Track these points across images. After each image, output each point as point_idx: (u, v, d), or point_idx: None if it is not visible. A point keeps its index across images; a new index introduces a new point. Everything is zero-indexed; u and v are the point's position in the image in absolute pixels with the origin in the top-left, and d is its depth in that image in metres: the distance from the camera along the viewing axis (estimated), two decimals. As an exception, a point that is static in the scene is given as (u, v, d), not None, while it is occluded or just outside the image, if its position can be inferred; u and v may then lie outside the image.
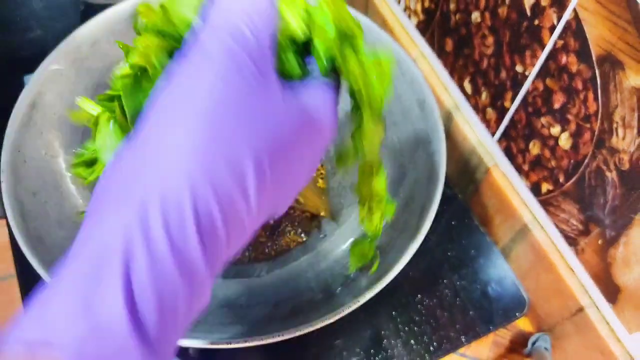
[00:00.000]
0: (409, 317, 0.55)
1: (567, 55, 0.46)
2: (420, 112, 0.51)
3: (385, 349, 0.53)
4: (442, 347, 0.53)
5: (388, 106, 0.56)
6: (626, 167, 0.44)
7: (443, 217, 0.61)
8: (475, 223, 0.61)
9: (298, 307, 0.47)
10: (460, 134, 0.66)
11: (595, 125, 0.46)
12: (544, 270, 0.58)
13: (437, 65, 0.68)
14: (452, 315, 0.55)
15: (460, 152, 0.67)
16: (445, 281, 0.57)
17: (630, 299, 0.49)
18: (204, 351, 0.51)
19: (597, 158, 0.47)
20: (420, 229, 0.44)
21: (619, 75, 0.42)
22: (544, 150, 0.53)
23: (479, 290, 0.57)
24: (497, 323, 0.55)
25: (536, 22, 0.49)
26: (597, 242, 0.51)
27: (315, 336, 0.52)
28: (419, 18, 0.68)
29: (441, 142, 0.48)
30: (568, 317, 0.57)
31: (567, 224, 0.54)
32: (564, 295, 0.56)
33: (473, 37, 0.58)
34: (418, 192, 0.49)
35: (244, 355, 0.51)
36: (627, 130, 0.43)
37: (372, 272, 0.46)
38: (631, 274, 0.47)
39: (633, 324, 0.50)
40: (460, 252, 0.59)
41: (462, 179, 0.69)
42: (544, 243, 0.57)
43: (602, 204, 0.48)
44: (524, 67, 0.52)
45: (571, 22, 0.45)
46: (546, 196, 0.55)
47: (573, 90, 0.47)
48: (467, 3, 0.57)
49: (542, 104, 0.52)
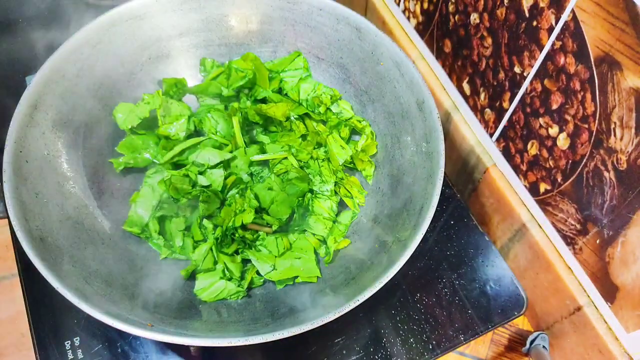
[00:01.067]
0: (408, 315, 0.55)
1: (565, 56, 0.47)
2: (419, 113, 0.51)
3: (384, 347, 0.53)
4: (441, 346, 0.54)
5: (388, 106, 0.56)
6: (624, 167, 0.45)
7: (442, 216, 0.62)
8: (473, 222, 0.61)
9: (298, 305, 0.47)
10: (458, 134, 0.66)
11: (593, 125, 0.46)
12: (542, 270, 0.58)
13: (436, 66, 0.68)
14: (450, 314, 0.55)
15: (459, 152, 0.67)
16: (444, 280, 0.57)
17: (628, 298, 0.49)
18: (204, 350, 0.52)
19: (595, 158, 0.47)
20: (419, 229, 0.44)
21: (616, 76, 0.42)
22: (542, 150, 0.54)
23: (478, 289, 0.57)
24: (496, 322, 0.55)
25: (534, 23, 0.49)
26: (595, 242, 0.51)
27: (315, 335, 0.53)
28: (418, 19, 0.69)
29: (440, 142, 0.48)
30: (566, 316, 0.57)
31: (565, 223, 0.54)
32: (562, 294, 0.56)
33: (472, 38, 0.58)
34: (417, 192, 0.49)
35: (244, 353, 0.52)
36: (625, 130, 0.43)
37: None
38: (629, 273, 0.48)
39: (631, 323, 0.50)
40: (459, 251, 0.59)
41: (461, 179, 0.69)
42: (542, 242, 0.57)
43: (600, 204, 0.49)
44: (522, 67, 0.52)
45: (569, 23, 0.45)
46: (544, 196, 0.56)
47: (571, 91, 0.47)
48: (466, 4, 0.57)
49: (540, 105, 0.52)
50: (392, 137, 0.56)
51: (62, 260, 0.43)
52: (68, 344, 0.50)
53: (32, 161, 0.47)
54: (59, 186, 0.49)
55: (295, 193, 0.53)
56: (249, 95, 0.61)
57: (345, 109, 0.59)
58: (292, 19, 0.59)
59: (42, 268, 0.40)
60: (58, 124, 0.51)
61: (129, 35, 0.57)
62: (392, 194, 0.54)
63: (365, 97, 0.59)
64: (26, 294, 0.53)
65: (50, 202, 0.47)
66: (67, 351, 0.50)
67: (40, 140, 0.49)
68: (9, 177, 0.44)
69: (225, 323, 0.47)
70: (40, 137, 0.49)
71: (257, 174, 0.55)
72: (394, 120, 0.55)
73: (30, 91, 0.49)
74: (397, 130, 0.55)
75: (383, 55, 0.55)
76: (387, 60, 0.55)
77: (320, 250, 0.54)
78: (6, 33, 0.73)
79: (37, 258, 0.41)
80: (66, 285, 0.40)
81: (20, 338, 0.61)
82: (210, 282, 0.49)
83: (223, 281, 0.49)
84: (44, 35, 0.74)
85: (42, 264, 0.41)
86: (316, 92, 0.60)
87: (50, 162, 0.49)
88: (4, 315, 0.62)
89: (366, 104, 0.59)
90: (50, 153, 0.50)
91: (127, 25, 0.56)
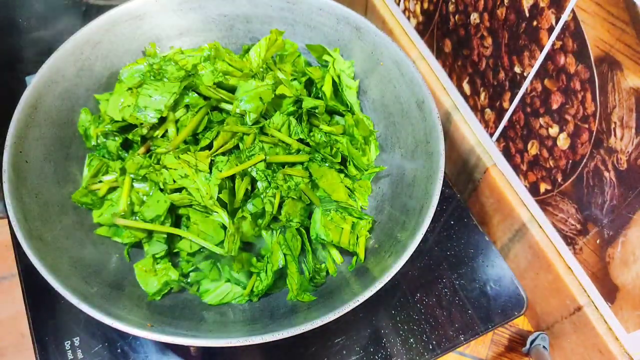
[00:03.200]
0: (408, 316, 0.55)
1: (566, 56, 0.47)
2: (419, 113, 0.51)
3: (384, 347, 0.53)
4: (441, 346, 0.54)
5: (388, 106, 0.56)
6: (624, 167, 0.45)
7: (442, 216, 0.62)
8: (473, 222, 0.61)
9: (298, 305, 0.47)
10: (459, 134, 0.66)
11: (593, 125, 0.46)
12: (543, 270, 0.58)
13: (436, 66, 0.68)
14: (451, 314, 0.55)
15: (459, 152, 0.67)
16: (444, 280, 0.57)
17: (628, 298, 0.49)
18: (204, 350, 0.52)
19: (595, 158, 0.47)
20: (419, 229, 0.44)
21: (617, 75, 0.42)
22: (542, 150, 0.54)
23: (478, 289, 0.57)
24: (496, 322, 0.55)
25: (535, 23, 0.49)
26: (595, 242, 0.51)
27: (315, 335, 0.53)
28: (418, 19, 0.68)
29: (440, 142, 0.48)
30: (566, 316, 0.57)
31: (565, 223, 0.54)
32: (562, 294, 0.56)
33: (472, 38, 0.58)
34: (417, 192, 0.49)
35: (244, 353, 0.52)
36: (625, 130, 0.43)
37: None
38: (629, 273, 0.48)
39: (631, 323, 0.50)
40: (459, 251, 0.59)
41: (461, 179, 0.69)
42: (542, 242, 0.57)
43: (600, 204, 0.49)
44: (523, 67, 0.52)
45: (569, 23, 0.45)
46: (544, 196, 0.56)
47: (571, 91, 0.47)
48: (466, 4, 0.57)
49: (540, 105, 0.52)
50: (392, 137, 0.56)
51: (62, 260, 0.43)
52: (68, 344, 0.50)
53: (32, 161, 0.47)
54: (59, 186, 0.49)
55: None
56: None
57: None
58: (292, 19, 0.59)
59: (42, 268, 0.40)
60: (58, 124, 0.51)
61: (129, 35, 0.57)
62: (392, 194, 0.54)
63: (364, 96, 0.59)
64: (26, 294, 0.53)
65: (50, 202, 0.47)
66: (67, 351, 0.50)
67: (40, 140, 0.49)
68: (9, 177, 0.44)
69: (225, 323, 0.47)
70: (40, 137, 0.49)
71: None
72: (394, 120, 0.55)
73: (30, 91, 0.49)
74: (397, 130, 0.55)
75: (383, 55, 0.55)
76: (387, 60, 0.55)
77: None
78: (6, 33, 0.74)
79: (37, 258, 0.41)
80: (66, 285, 0.40)
81: (20, 338, 0.61)
82: (215, 285, 0.49)
83: (229, 284, 0.48)
84: (44, 35, 0.74)
85: (42, 264, 0.41)
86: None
87: (50, 162, 0.49)
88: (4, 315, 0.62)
89: (366, 103, 0.59)
90: (50, 153, 0.50)
91: (127, 25, 0.56)
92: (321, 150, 0.53)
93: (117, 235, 0.50)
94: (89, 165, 0.52)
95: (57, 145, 0.51)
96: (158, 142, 0.52)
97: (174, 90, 0.51)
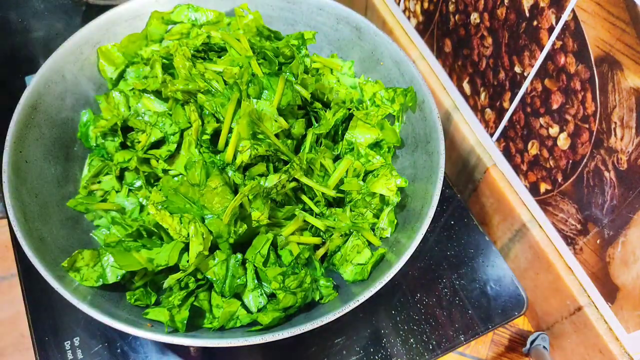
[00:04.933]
0: (408, 316, 0.55)
1: (566, 56, 0.47)
2: (419, 113, 0.51)
3: (384, 347, 0.53)
4: (441, 346, 0.54)
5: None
6: (624, 167, 0.45)
7: (442, 216, 0.62)
8: (474, 222, 0.61)
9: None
10: (459, 134, 0.66)
11: (593, 125, 0.46)
12: (543, 270, 0.58)
13: (436, 66, 0.68)
14: (451, 314, 0.55)
15: (459, 152, 0.67)
16: (444, 280, 0.57)
17: (629, 298, 0.49)
18: (204, 350, 0.52)
19: (596, 158, 0.47)
20: (419, 229, 0.44)
21: (617, 75, 0.42)
22: (543, 150, 0.54)
23: (478, 290, 0.57)
24: (496, 322, 0.55)
25: (535, 23, 0.49)
26: (595, 242, 0.51)
27: (315, 335, 0.53)
28: (418, 19, 0.68)
29: (440, 142, 0.48)
30: (567, 316, 0.57)
31: (565, 223, 0.54)
32: (562, 294, 0.56)
33: (472, 38, 0.58)
34: (417, 192, 0.49)
35: (244, 353, 0.51)
36: (626, 130, 0.43)
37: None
38: (629, 273, 0.48)
39: (631, 323, 0.50)
40: (459, 251, 0.59)
41: (461, 179, 0.69)
42: (542, 242, 0.57)
43: (600, 204, 0.49)
44: (523, 67, 0.52)
45: (570, 23, 0.45)
46: (544, 196, 0.56)
47: (571, 91, 0.47)
48: (466, 4, 0.57)
49: (540, 105, 0.52)
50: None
51: (62, 260, 0.43)
52: (68, 344, 0.50)
53: (32, 161, 0.47)
54: (58, 186, 0.49)
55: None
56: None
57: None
58: (292, 19, 0.59)
59: (42, 268, 0.40)
60: (58, 124, 0.51)
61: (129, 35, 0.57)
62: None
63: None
64: (26, 294, 0.53)
65: (50, 202, 0.47)
66: (67, 351, 0.50)
67: (40, 141, 0.49)
68: (8, 177, 0.44)
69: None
70: (40, 138, 0.49)
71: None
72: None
73: (30, 91, 0.49)
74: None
75: (383, 54, 0.55)
76: (387, 59, 0.55)
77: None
78: (6, 33, 0.74)
79: (37, 258, 0.41)
80: (66, 285, 0.40)
81: (20, 338, 0.61)
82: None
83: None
84: (44, 35, 0.74)
85: (42, 264, 0.41)
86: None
87: (50, 162, 0.49)
88: (4, 315, 0.62)
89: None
90: (50, 153, 0.50)
91: (127, 25, 0.56)
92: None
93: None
94: (90, 165, 0.52)
95: (57, 145, 0.51)
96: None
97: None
